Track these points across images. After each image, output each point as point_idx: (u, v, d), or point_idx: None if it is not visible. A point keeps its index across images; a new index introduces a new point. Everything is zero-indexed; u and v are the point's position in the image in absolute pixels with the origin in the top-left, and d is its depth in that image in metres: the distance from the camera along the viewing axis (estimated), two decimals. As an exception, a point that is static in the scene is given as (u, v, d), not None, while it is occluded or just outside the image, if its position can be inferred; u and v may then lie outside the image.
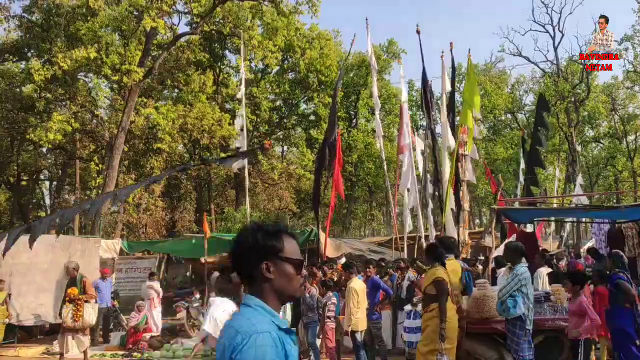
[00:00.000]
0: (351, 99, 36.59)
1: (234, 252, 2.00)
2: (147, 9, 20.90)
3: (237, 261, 1.99)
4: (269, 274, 1.93)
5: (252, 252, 1.94)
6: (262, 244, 1.94)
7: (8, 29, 24.85)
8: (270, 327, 1.83)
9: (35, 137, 22.23)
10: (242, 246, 1.97)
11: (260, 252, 1.93)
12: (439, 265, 6.16)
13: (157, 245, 19.15)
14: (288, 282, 1.96)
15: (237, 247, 1.98)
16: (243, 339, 1.77)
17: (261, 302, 1.91)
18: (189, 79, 27.99)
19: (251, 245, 1.95)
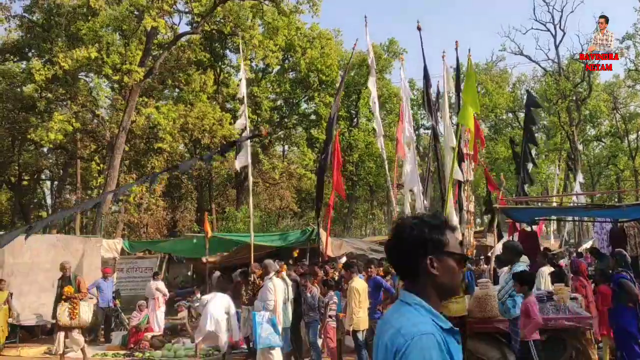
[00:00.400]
0: (352, 98, 36.56)
1: (394, 246, 1.91)
2: (148, 9, 20.90)
3: (397, 256, 1.91)
4: (434, 269, 1.83)
5: (417, 247, 1.85)
6: (428, 238, 1.85)
7: (9, 28, 24.90)
8: (433, 328, 1.76)
9: (36, 136, 22.24)
10: (405, 241, 1.87)
11: (426, 246, 1.84)
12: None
13: (158, 245, 19.15)
14: (452, 278, 1.87)
15: (399, 242, 1.89)
16: (406, 341, 1.71)
17: (420, 300, 1.83)
18: (190, 78, 27.99)
19: (415, 239, 1.85)
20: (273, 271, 8.29)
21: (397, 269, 1.94)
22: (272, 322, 7.81)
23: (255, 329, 7.66)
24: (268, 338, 7.62)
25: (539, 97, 41.18)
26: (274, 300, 7.96)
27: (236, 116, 29.87)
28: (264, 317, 7.73)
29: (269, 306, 7.87)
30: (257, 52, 26.44)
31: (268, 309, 7.84)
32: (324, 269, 10.77)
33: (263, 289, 8.03)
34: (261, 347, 7.64)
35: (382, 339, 1.82)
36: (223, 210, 31.12)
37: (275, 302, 7.99)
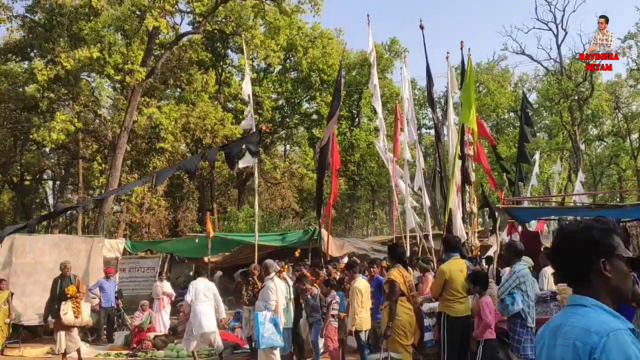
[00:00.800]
0: (353, 97, 36.54)
1: (563, 251, 1.91)
2: (150, 9, 20.91)
3: (566, 261, 1.91)
4: (607, 272, 1.82)
5: (589, 251, 1.84)
6: (600, 242, 1.84)
7: (11, 29, 24.88)
8: (621, 325, 1.75)
9: (38, 137, 22.27)
10: (576, 245, 1.86)
11: (598, 250, 1.83)
12: (399, 265, 6.55)
13: (161, 245, 19.17)
14: (624, 281, 1.86)
15: (569, 247, 1.89)
16: (601, 338, 1.69)
17: (597, 302, 1.81)
18: (192, 78, 28.01)
19: (587, 243, 1.84)
20: (274, 272, 8.27)
21: (564, 274, 1.94)
22: (275, 322, 7.80)
23: (257, 328, 7.65)
24: (270, 338, 7.61)
25: (541, 96, 41.17)
26: (275, 300, 7.94)
27: (237, 116, 29.94)
28: (266, 317, 7.72)
29: (270, 306, 7.86)
30: (259, 51, 26.47)
31: (270, 309, 7.83)
32: (326, 269, 10.76)
33: (264, 289, 8.02)
34: (264, 347, 7.63)
35: (564, 341, 1.79)
36: (225, 210, 31.13)
37: (277, 302, 7.98)
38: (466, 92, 10.77)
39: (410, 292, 6.58)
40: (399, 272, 6.47)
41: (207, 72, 29.41)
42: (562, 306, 6.80)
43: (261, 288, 8.08)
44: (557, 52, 38.05)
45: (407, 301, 6.42)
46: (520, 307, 6.07)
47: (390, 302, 6.30)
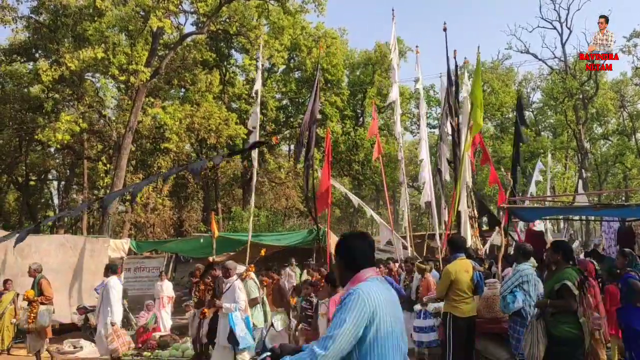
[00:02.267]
0: (358, 97, 36.53)
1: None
2: (154, 9, 20.95)
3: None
4: None
5: None
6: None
7: (16, 29, 24.95)
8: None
9: (43, 137, 22.34)
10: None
11: None
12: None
13: (165, 245, 19.20)
14: None
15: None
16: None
17: None
18: (196, 78, 28.05)
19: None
20: (235, 274, 8.15)
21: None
22: (247, 322, 7.77)
23: (233, 329, 7.52)
24: (245, 338, 7.56)
25: (545, 95, 41.04)
26: (245, 299, 7.87)
27: (242, 116, 30.01)
28: (239, 317, 7.64)
29: (241, 306, 7.75)
30: (263, 51, 26.44)
31: (240, 309, 7.73)
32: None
33: (232, 289, 7.81)
34: (240, 347, 7.53)
35: None
36: (229, 210, 31.16)
37: (246, 302, 7.93)
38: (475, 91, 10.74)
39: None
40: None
41: (211, 72, 29.45)
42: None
43: (227, 289, 7.92)
44: (562, 51, 37.98)
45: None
46: (521, 305, 6.12)
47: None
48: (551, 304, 5.35)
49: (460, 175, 10.64)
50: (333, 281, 7.23)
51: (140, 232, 27.11)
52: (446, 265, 7.19)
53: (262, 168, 32.91)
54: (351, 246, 2.95)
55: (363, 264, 2.89)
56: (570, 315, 5.30)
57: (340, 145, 33.96)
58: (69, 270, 11.68)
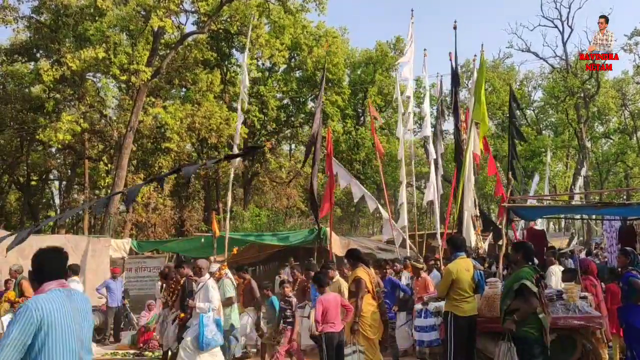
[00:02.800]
0: (359, 96, 36.51)
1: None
2: (155, 9, 20.96)
3: None
4: None
5: None
6: None
7: (17, 29, 24.99)
8: None
9: (44, 137, 22.37)
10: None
11: None
12: (361, 265, 6.95)
13: (167, 245, 19.23)
14: None
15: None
16: None
17: None
18: (197, 78, 28.06)
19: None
20: (207, 273, 8.02)
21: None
22: (217, 322, 7.66)
23: (201, 331, 7.37)
24: (213, 339, 7.43)
25: (547, 94, 40.99)
26: (218, 299, 7.81)
27: (243, 115, 29.99)
28: (210, 319, 7.51)
29: (214, 306, 7.66)
30: (264, 51, 26.45)
31: (214, 309, 7.63)
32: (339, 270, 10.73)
33: (205, 289, 7.67)
34: (208, 348, 7.40)
35: None
36: (230, 210, 31.14)
37: (219, 302, 7.89)
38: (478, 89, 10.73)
39: (374, 288, 6.95)
40: (364, 270, 6.89)
41: (212, 71, 29.45)
42: (568, 305, 6.79)
43: (199, 288, 7.77)
44: (563, 50, 37.93)
45: (372, 298, 6.78)
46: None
47: (356, 299, 6.67)
48: (519, 317, 5.50)
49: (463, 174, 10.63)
50: (319, 282, 7.29)
51: (141, 232, 27.12)
52: (446, 264, 7.20)
53: (263, 168, 32.93)
54: (41, 260, 3.26)
55: (49, 277, 3.19)
56: (529, 315, 5.47)
57: (341, 145, 33.96)
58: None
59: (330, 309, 6.89)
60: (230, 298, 8.78)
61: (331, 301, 6.94)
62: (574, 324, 6.59)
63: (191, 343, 7.46)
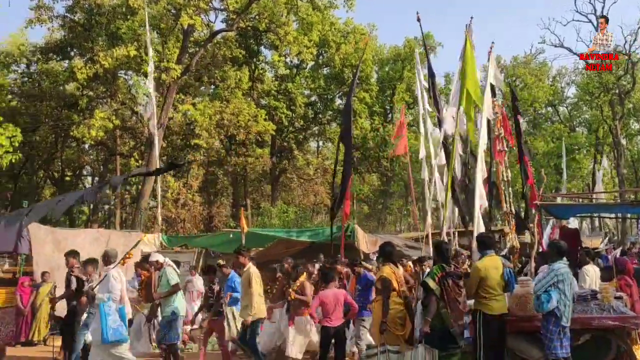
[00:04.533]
0: (387, 93, 36.29)
1: None
2: (185, 7, 21.22)
3: None
4: None
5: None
6: None
7: (52, 28, 25.54)
8: None
9: (78, 134, 22.86)
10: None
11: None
12: (388, 263, 6.92)
13: (196, 240, 19.43)
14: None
15: None
16: None
17: None
18: (225, 75, 28.31)
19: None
20: (114, 262, 7.90)
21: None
22: (121, 314, 7.47)
23: (103, 321, 7.20)
24: (118, 330, 7.24)
25: (580, 90, 40.06)
26: (120, 289, 7.58)
27: (270, 112, 30.16)
28: (112, 308, 7.32)
29: (115, 296, 7.48)
30: (292, 48, 26.52)
31: (115, 299, 7.46)
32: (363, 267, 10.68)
33: (107, 279, 7.54)
34: (112, 340, 7.22)
35: None
36: (258, 206, 31.39)
37: (123, 292, 7.66)
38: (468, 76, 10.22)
39: (400, 287, 6.93)
40: (390, 269, 6.84)
41: (241, 68, 29.67)
42: (602, 305, 6.64)
43: (103, 278, 7.61)
44: (598, 45, 36.94)
45: (398, 296, 6.76)
46: (555, 305, 6.02)
47: (383, 298, 6.64)
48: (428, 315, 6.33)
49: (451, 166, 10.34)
50: (324, 278, 7.62)
51: (170, 227, 27.53)
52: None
53: (291, 164, 33.05)
54: None
55: None
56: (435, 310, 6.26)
57: (369, 142, 33.84)
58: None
59: (327, 304, 7.25)
60: (176, 285, 8.62)
61: (329, 297, 7.28)
62: (608, 325, 6.44)
63: (96, 337, 7.32)
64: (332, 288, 7.42)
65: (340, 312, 7.32)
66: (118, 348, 7.33)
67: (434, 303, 6.18)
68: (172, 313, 8.47)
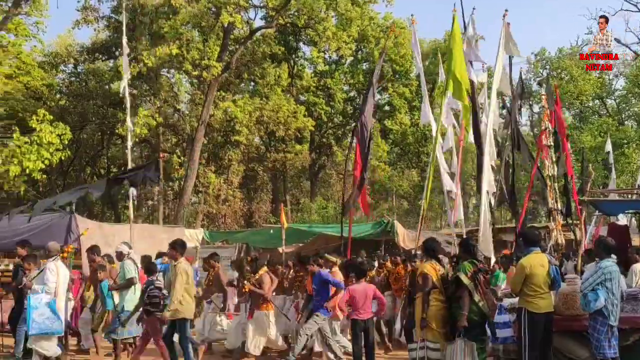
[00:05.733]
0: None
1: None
2: (225, 5, 21.48)
3: None
4: None
5: None
6: None
7: (98, 29, 26.27)
8: None
9: (123, 131, 23.47)
10: None
11: None
12: (432, 260, 6.92)
13: (236, 235, 19.73)
14: None
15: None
16: None
17: None
18: (265, 72, 28.53)
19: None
20: (55, 254, 7.87)
21: None
22: (51, 307, 7.38)
23: (29, 312, 7.21)
24: (44, 323, 7.20)
25: (629, 82, 38.61)
26: (55, 282, 7.54)
27: (310, 108, 30.22)
28: (41, 300, 7.28)
29: (50, 289, 7.45)
30: (331, 43, 26.49)
31: (49, 292, 7.43)
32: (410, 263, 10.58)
33: (45, 271, 7.55)
34: (35, 332, 7.22)
35: None
36: (297, 202, 31.55)
37: (58, 285, 7.59)
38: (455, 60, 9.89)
39: (443, 284, 6.91)
40: (431, 265, 6.84)
41: (280, 65, 29.82)
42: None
43: (41, 270, 7.61)
44: (648, 35, 35.52)
45: (439, 293, 6.73)
46: (603, 304, 5.89)
47: (423, 294, 6.67)
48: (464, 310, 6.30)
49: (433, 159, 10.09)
50: (359, 272, 7.74)
51: (212, 222, 28.01)
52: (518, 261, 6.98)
53: (330, 160, 33.06)
54: None
55: None
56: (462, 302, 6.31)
57: (408, 137, 33.50)
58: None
59: (356, 297, 7.46)
60: (131, 279, 8.59)
61: (359, 291, 7.51)
62: (659, 324, 6.21)
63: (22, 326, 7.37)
64: (362, 283, 7.68)
65: (369, 306, 7.57)
66: (41, 342, 7.34)
67: (467, 297, 6.25)
68: (122, 308, 8.50)
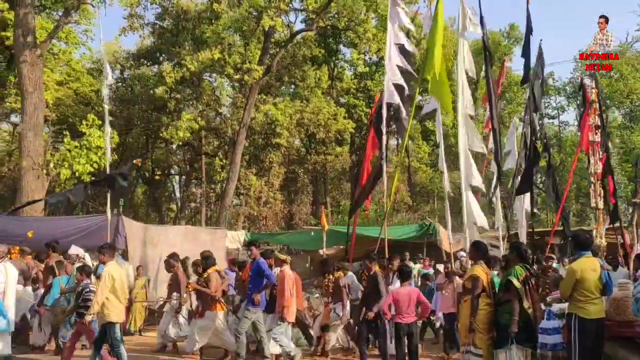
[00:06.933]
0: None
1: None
2: (266, 9, 21.70)
3: None
4: None
5: None
6: None
7: (143, 35, 26.94)
8: None
9: (167, 135, 24.03)
10: None
11: None
12: (482, 262, 6.87)
13: (277, 237, 19.87)
14: None
15: None
16: None
17: None
18: (305, 74, 28.65)
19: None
20: (3, 256, 7.89)
21: None
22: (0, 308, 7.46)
23: None
24: None
25: None
26: (4, 282, 7.60)
27: (350, 110, 30.17)
28: None
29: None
30: (371, 45, 26.40)
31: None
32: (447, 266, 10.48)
33: None
34: None
35: None
36: (338, 204, 31.52)
37: (6, 286, 7.63)
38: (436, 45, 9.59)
39: (491, 288, 6.83)
40: (482, 268, 6.77)
41: (320, 68, 29.90)
42: None
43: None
44: None
45: (487, 297, 6.65)
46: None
47: (472, 297, 6.58)
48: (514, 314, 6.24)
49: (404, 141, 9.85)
50: (402, 276, 7.91)
51: (253, 224, 28.29)
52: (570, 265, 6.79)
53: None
54: None
55: None
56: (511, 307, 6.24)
57: (450, 139, 33.00)
58: (192, 260, 12.43)
59: (400, 301, 7.54)
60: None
61: (402, 294, 7.60)
62: None
63: None
64: (406, 286, 7.78)
65: (412, 310, 7.62)
66: None
67: (517, 303, 6.19)
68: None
